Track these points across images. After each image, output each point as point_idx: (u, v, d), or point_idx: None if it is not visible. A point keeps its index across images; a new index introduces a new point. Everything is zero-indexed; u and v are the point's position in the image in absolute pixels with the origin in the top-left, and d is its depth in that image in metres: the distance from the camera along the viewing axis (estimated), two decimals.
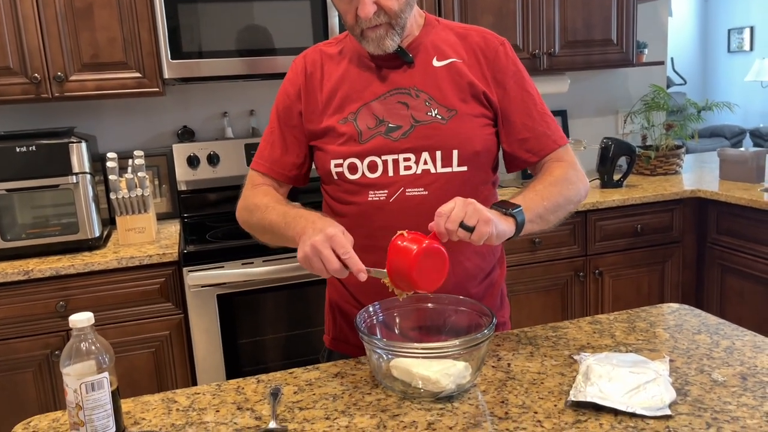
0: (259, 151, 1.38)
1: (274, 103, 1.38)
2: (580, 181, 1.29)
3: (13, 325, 2.10)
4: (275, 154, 1.35)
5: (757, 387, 1.03)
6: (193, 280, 2.17)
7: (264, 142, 1.38)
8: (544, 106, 1.33)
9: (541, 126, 1.30)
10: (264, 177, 1.36)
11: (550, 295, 2.70)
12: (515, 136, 1.30)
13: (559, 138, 1.32)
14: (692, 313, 1.36)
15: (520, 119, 1.30)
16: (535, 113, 1.30)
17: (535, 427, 0.95)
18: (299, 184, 1.39)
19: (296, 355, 2.34)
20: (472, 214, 1.04)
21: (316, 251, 1.07)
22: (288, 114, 1.34)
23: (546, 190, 1.22)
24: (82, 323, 0.94)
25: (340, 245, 1.07)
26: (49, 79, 2.29)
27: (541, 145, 1.30)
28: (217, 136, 2.85)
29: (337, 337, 1.42)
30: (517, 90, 1.30)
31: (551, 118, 1.33)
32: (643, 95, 3.27)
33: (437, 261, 1.04)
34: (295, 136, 1.34)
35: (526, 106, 1.30)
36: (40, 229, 2.23)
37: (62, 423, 1.05)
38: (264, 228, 1.28)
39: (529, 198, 1.19)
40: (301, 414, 1.03)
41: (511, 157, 1.33)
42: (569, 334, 1.28)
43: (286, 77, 1.37)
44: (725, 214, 2.70)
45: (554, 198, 1.22)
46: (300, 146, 1.34)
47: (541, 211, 1.19)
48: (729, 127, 7.38)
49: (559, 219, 1.25)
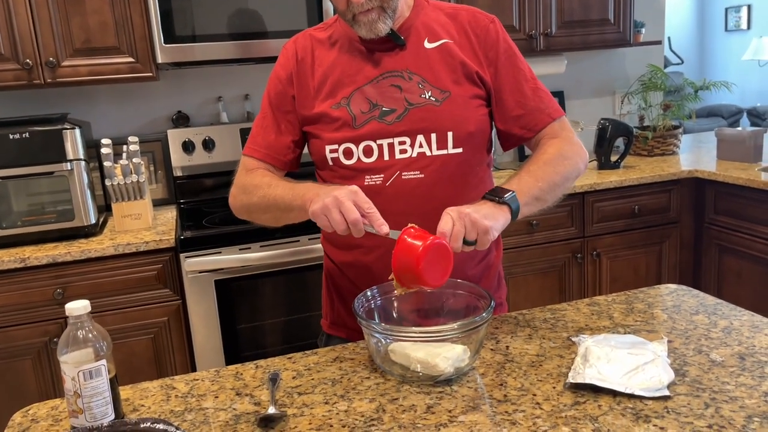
0: (252, 137, 1.36)
1: (266, 89, 1.36)
2: (577, 155, 1.28)
3: (11, 313, 2.09)
4: (269, 140, 1.34)
5: (755, 367, 1.03)
6: (191, 265, 2.16)
7: (257, 127, 1.36)
8: (537, 81, 1.32)
9: (533, 101, 1.29)
10: (259, 162, 1.34)
11: (547, 277, 2.70)
12: (509, 113, 1.30)
13: (554, 111, 1.31)
14: (690, 293, 1.36)
15: (512, 96, 1.29)
16: (527, 89, 1.30)
17: (534, 409, 0.95)
18: (293, 169, 1.38)
19: (295, 339, 2.34)
20: (471, 228, 1.06)
21: (337, 202, 1.06)
22: (280, 99, 1.33)
23: (540, 170, 1.21)
24: (79, 311, 0.93)
25: (363, 200, 1.07)
26: (41, 64, 2.26)
27: (535, 121, 1.29)
28: (212, 120, 2.83)
29: (335, 321, 1.42)
30: (509, 67, 1.29)
31: (545, 93, 1.32)
32: (641, 75, 3.25)
33: (442, 257, 1.04)
34: (289, 120, 1.33)
35: (518, 82, 1.29)
36: (36, 217, 2.22)
37: (61, 411, 1.05)
38: (267, 205, 1.26)
39: (524, 181, 1.19)
40: (300, 399, 1.03)
41: (507, 135, 1.32)
42: (567, 316, 1.28)
43: (277, 63, 1.36)
44: (723, 194, 2.70)
45: (549, 177, 1.21)
46: (294, 131, 1.33)
47: (537, 193, 1.18)
48: (726, 107, 7.36)
49: (557, 197, 1.24)
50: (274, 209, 1.25)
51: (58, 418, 1.03)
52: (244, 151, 1.37)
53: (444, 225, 1.06)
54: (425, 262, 1.01)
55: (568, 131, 1.31)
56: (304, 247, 2.24)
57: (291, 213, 1.20)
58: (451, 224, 1.05)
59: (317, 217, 1.09)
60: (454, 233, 1.05)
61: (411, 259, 1.02)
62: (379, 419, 0.95)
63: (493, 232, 1.06)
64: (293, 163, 1.36)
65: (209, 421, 0.98)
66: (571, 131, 1.32)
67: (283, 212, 1.23)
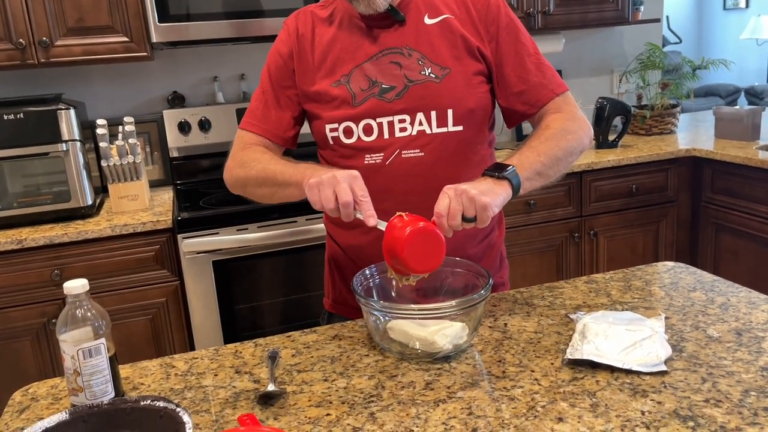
0: (250, 111, 1.35)
1: (265, 64, 1.35)
2: (580, 129, 1.26)
3: (9, 294, 2.09)
4: (269, 115, 1.32)
5: (752, 342, 1.04)
6: (188, 246, 2.16)
7: (255, 102, 1.34)
8: (540, 56, 1.30)
9: (536, 77, 1.27)
10: (257, 138, 1.32)
11: (545, 257, 2.71)
12: (511, 89, 1.28)
13: (557, 86, 1.29)
14: (687, 270, 1.36)
15: (514, 72, 1.27)
16: (529, 64, 1.28)
17: (533, 385, 0.95)
18: (291, 147, 1.37)
19: (293, 319, 2.35)
20: (469, 204, 1.04)
21: (333, 181, 1.05)
22: (281, 74, 1.32)
23: (542, 146, 1.20)
24: (77, 290, 0.93)
25: (360, 186, 1.06)
26: (34, 44, 2.24)
27: (538, 96, 1.27)
28: (208, 101, 2.81)
29: (337, 300, 1.43)
30: (511, 42, 1.27)
31: (548, 68, 1.30)
32: (639, 54, 3.23)
33: (432, 243, 1.02)
34: (289, 96, 1.31)
35: (521, 57, 1.27)
36: (32, 198, 2.21)
37: (61, 389, 1.05)
38: (265, 178, 1.24)
39: (525, 156, 1.17)
40: (299, 376, 1.03)
41: (509, 111, 1.31)
42: (565, 293, 1.29)
43: (277, 38, 1.34)
44: (720, 172, 2.70)
45: (552, 152, 1.19)
46: (294, 106, 1.32)
47: (539, 168, 1.16)
48: (724, 86, 7.33)
49: (560, 172, 1.22)
50: (271, 184, 1.23)
51: (58, 396, 1.03)
52: (241, 125, 1.35)
53: (440, 204, 1.05)
54: (410, 249, 1.00)
55: (572, 106, 1.29)
56: (302, 227, 2.24)
57: (287, 189, 1.19)
58: (448, 202, 1.04)
59: (311, 190, 1.07)
60: (452, 211, 1.04)
61: (396, 246, 1.01)
62: (378, 396, 0.95)
63: (492, 208, 1.05)
64: (292, 141, 1.35)
65: (209, 398, 0.99)
66: (575, 106, 1.30)
67: (279, 187, 1.21)
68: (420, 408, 0.91)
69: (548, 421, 0.86)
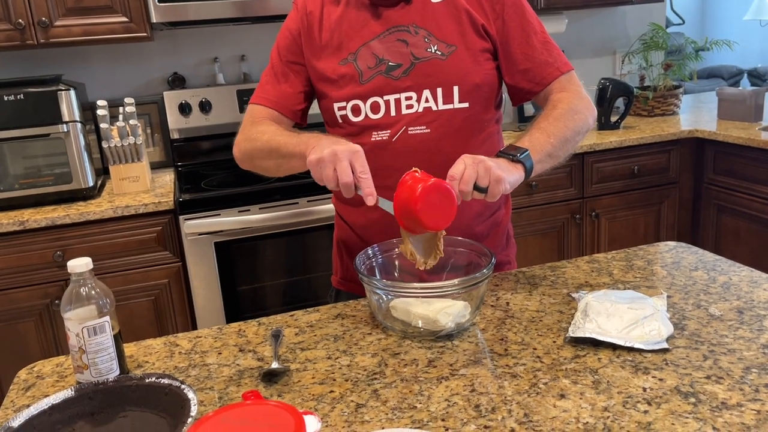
0: (261, 86, 1.35)
1: (275, 41, 1.35)
2: (586, 109, 1.26)
3: (12, 275, 2.10)
4: (279, 89, 1.33)
5: (754, 320, 1.04)
6: (190, 228, 2.16)
7: (265, 76, 1.35)
8: (546, 35, 1.29)
9: (542, 55, 1.27)
10: (267, 111, 1.33)
11: (546, 238, 2.71)
12: (516, 67, 1.28)
13: (562, 65, 1.29)
14: (689, 250, 1.37)
15: (520, 50, 1.27)
16: (535, 42, 1.27)
17: (535, 362, 0.96)
18: (301, 122, 1.37)
19: (296, 300, 2.36)
20: (484, 174, 1.03)
21: (334, 158, 1.04)
22: (290, 51, 1.32)
23: (551, 126, 1.20)
24: (81, 268, 0.93)
25: (360, 163, 1.05)
26: (33, 24, 2.22)
27: (543, 74, 1.27)
28: (208, 82, 2.79)
29: (345, 277, 1.44)
30: (517, 20, 1.26)
31: (554, 46, 1.30)
32: (642, 34, 3.21)
33: (444, 200, 1.02)
34: (298, 72, 1.32)
35: (527, 35, 1.27)
36: (33, 180, 2.21)
37: (66, 367, 1.06)
38: (270, 150, 1.24)
39: (536, 138, 1.17)
40: (302, 354, 1.04)
41: (515, 89, 1.31)
42: (567, 273, 1.29)
43: (288, 16, 1.35)
44: (722, 153, 2.69)
45: (561, 133, 1.20)
46: (303, 82, 1.32)
47: (550, 149, 1.17)
48: (727, 68, 7.28)
49: (568, 152, 1.23)
50: (276, 155, 1.23)
51: (63, 374, 1.04)
52: (252, 99, 1.35)
53: (456, 168, 1.04)
54: (423, 204, 0.99)
55: (577, 85, 1.29)
56: (304, 209, 2.24)
57: (292, 160, 1.19)
58: (463, 168, 1.04)
59: (312, 167, 1.07)
60: (465, 176, 1.03)
61: (410, 201, 1.00)
62: (381, 373, 0.96)
63: (505, 183, 1.05)
64: (302, 114, 1.35)
65: (213, 376, 0.99)
66: (579, 85, 1.30)
67: (284, 159, 1.21)
68: (423, 385, 0.92)
69: (550, 397, 0.87)
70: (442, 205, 1.02)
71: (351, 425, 0.84)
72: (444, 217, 1.03)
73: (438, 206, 1.02)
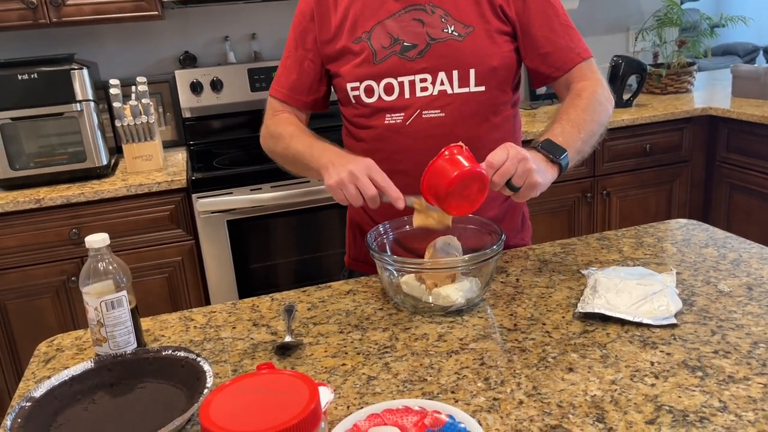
0: (277, 76, 1.37)
1: (291, 24, 1.34)
2: (608, 100, 1.26)
3: (29, 252, 2.13)
4: (291, 79, 1.33)
5: (763, 296, 1.05)
6: (203, 206, 2.18)
7: (281, 67, 1.36)
8: (567, 18, 1.28)
9: (563, 39, 1.26)
10: (283, 104, 1.35)
11: (557, 217, 2.71)
12: (537, 50, 1.26)
13: (583, 51, 1.27)
14: (700, 227, 1.37)
15: (541, 33, 1.25)
16: (557, 26, 1.25)
17: (544, 337, 0.97)
18: (318, 109, 1.37)
19: (308, 278, 2.38)
20: (522, 174, 1.02)
21: (353, 177, 1.06)
22: (303, 36, 1.32)
23: (580, 118, 1.18)
24: (98, 243, 0.95)
25: (378, 173, 1.07)
26: (45, 3, 2.23)
27: (564, 60, 1.26)
28: (219, 61, 2.80)
29: (357, 257, 1.45)
30: (538, 1, 1.24)
31: (575, 31, 1.28)
32: (656, 11, 3.17)
33: (476, 191, 1.02)
34: (311, 58, 1.31)
35: (548, 18, 1.25)
36: (48, 158, 2.23)
37: (85, 341, 1.09)
38: (288, 157, 1.28)
39: (567, 132, 1.15)
40: (315, 329, 1.06)
41: (534, 73, 1.29)
42: (577, 250, 1.30)
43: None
44: (735, 131, 2.67)
45: (589, 127, 1.18)
46: (317, 68, 1.32)
47: (579, 146, 1.16)
48: (742, 45, 7.17)
49: (593, 146, 1.22)
50: (294, 164, 1.27)
51: (82, 347, 1.07)
52: (270, 91, 1.38)
53: (497, 156, 1.02)
54: (457, 186, 0.99)
55: (596, 73, 1.27)
56: (315, 187, 2.25)
57: (309, 172, 1.23)
58: (505, 159, 1.02)
59: (334, 191, 1.09)
60: (503, 169, 1.01)
61: (443, 178, 1.00)
62: (392, 347, 0.98)
63: (538, 190, 1.04)
64: (317, 104, 1.36)
65: (227, 349, 1.01)
66: (598, 72, 1.28)
67: (303, 169, 1.25)
68: (433, 358, 0.94)
69: (559, 371, 0.88)
70: (471, 195, 1.02)
71: (363, 396, 0.86)
72: (469, 205, 1.04)
73: (467, 195, 1.02)
